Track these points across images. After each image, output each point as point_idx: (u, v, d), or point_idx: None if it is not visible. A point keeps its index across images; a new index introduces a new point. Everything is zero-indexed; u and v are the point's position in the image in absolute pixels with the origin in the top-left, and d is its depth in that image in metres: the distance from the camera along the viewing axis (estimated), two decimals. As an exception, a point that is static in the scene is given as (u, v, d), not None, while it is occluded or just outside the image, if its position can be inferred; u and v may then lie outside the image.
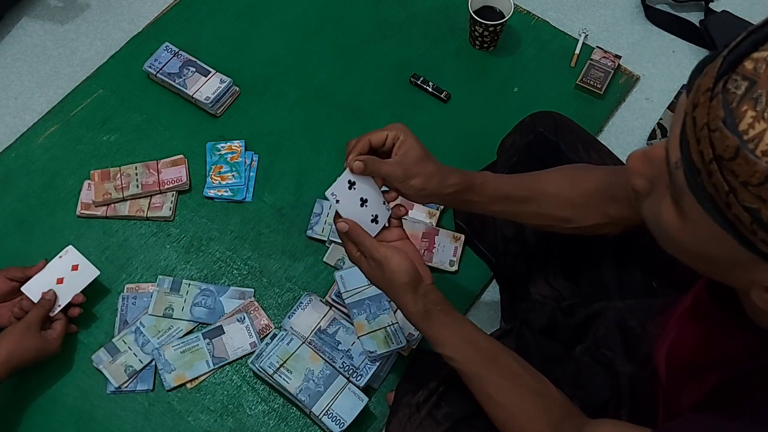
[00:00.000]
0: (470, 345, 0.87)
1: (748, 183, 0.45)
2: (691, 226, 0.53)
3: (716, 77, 0.47)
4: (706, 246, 0.53)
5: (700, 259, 0.56)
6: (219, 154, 1.36)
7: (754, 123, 0.44)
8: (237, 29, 1.53)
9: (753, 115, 0.44)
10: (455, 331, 0.87)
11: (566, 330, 1.02)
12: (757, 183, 0.45)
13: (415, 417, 0.96)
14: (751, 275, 0.52)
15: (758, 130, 0.44)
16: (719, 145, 0.46)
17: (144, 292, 1.23)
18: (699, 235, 0.53)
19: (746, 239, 0.48)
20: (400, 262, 0.82)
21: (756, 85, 0.45)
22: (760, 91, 0.45)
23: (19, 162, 1.38)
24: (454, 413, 0.94)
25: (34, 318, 1.10)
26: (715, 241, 0.51)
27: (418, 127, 1.41)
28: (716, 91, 0.47)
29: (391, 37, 1.52)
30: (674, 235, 0.56)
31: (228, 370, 1.18)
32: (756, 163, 0.44)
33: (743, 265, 0.52)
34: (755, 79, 0.45)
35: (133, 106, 1.43)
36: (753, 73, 0.45)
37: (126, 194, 1.30)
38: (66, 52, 1.53)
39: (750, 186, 0.45)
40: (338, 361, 1.13)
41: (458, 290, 1.24)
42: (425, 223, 1.26)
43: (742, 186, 0.46)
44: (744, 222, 0.47)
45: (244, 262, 1.27)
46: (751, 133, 0.45)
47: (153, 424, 1.14)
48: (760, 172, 0.44)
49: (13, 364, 1.06)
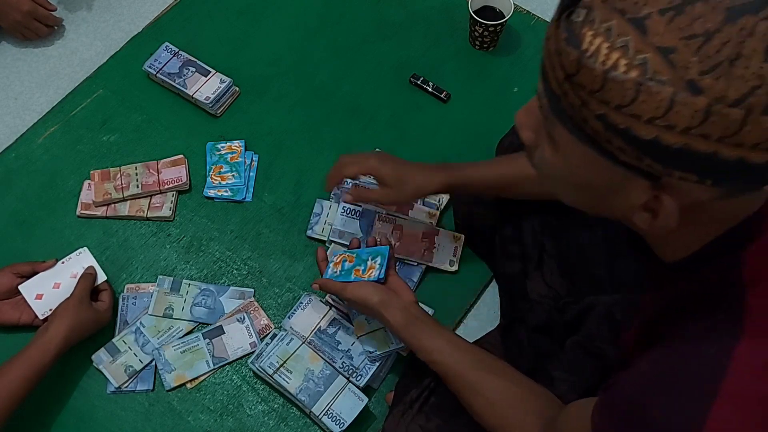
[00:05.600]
0: (450, 344, 0.93)
1: (593, 90, 0.50)
2: (565, 157, 0.58)
3: (560, 10, 0.54)
4: (582, 173, 0.58)
5: (583, 191, 0.61)
6: (219, 154, 1.36)
7: (593, 40, 0.50)
8: (237, 29, 1.53)
9: (591, 34, 0.51)
10: (436, 337, 0.94)
11: (560, 327, 1.04)
12: (599, 88, 0.50)
13: (408, 413, 1.00)
14: (628, 197, 0.56)
15: (596, 44, 0.50)
16: (566, 63, 0.52)
17: (144, 292, 1.23)
18: (573, 162, 0.58)
19: (606, 150, 0.53)
20: (364, 291, 0.99)
21: (591, 10, 0.51)
22: (595, 13, 0.51)
23: (19, 162, 1.38)
24: (444, 405, 0.97)
25: (83, 291, 1.14)
26: (587, 165, 0.56)
27: (418, 127, 1.42)
28: (561, 21, 0.53)
29: (391, 37, 1.52)
30: (555, 172, 0.61)
31: (228, 370, 1.18)
32: (594, 69, 0.50)
33: (618, 188, 0.56)
34: (591, 6, 0.51)
35: (133, 106, 1.43)
36: (590, 2, 0.52)
37: (126, 194, 1.30)
38: (66, 52, 1.53)
39: (595, 93, 0.50)
40: (338, 361, 1.13)
41: (458, 290, 1.24)
42: (425, 223, 1.26)
43: (589, 95, 0.51)
44: (599, 132, 0.52)
45: (244, 262, 1.27)
46: (591, 48, 0.50)
47: (153, 424, 1.14)
48: (599, 76, 0.50)
49: (73, 340, 1.10)
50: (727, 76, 0.47)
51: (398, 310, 0.97)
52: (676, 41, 0.48)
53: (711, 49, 0.47)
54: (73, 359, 1.15)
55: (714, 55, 0.47)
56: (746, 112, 0.47)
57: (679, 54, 0.48)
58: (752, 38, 0.47)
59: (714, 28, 0.47)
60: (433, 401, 1.01)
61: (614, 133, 0.51)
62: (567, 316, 1.05)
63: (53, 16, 1.53)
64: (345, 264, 1.09)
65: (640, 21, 0.49)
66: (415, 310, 0.98)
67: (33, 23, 1.50)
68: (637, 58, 0.49)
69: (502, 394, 0.86)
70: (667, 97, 0.48)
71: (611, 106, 0.50)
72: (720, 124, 0.48)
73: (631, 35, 0.49)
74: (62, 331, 1.07)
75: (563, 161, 0.59)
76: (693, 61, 0.47)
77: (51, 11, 1.52)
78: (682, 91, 0.48)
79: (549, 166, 0.61)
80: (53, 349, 1.06)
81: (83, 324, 1.11)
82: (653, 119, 0.49)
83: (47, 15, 1.51)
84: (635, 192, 0.55)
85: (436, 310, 1.17)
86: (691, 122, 0.48)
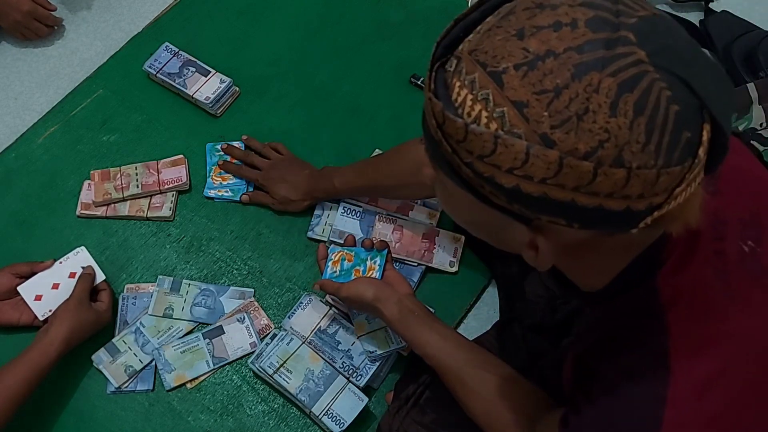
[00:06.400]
0: (445, 341, 0.93)
1: (459, 140, 0.52)
2: (450, 197, 0.60)
3: (433, 61, 0.56)
4: (469, 213, 0.60)
5: (476, 227, 0.63)
6: (219, 154, 1.36)
7: (460, 91, 0.52)
8: (237, 29, 1.53)
9: (458, 85, 0.53)
10: (431, 331, 0.94)
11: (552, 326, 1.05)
12: (463, 139, 0.52)
13: (403, 409, 1.01)
14: (513, 235, 0.58)
15: (462, 95, 0.52)
16: (436, 113, 0.53)
17: (144, 292, 1.23)
18: (459, 204, 0.60)
19: (481, 194, 0.54)
20: (359, 288, 1.01)
21: (460, 61, 0.53)
22: (462, 64, 0.53)
23: (19, 162, 1.38)
24: (439, 399, 0.97)
25: (83, 292, 1.14)
26: (470, 207, 0.57)
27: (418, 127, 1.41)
28: (437, 71, 0.56)
29: (391, 37, 1.52)
30: (449, 209, 0.63)
31: (228, 370, 1.18)
32: (456, 121, 0.52)
33: (502, 226, 0.58)
34: (460, 57, 0.54)
35: (133, 106, 1.43)
36: (460, 52, 0.54)
37: (126, 194, 1.30)
38: (66, 52, 1.53)
39: (461, 143, 0.52)
40: (338, 361, 1.13)
41: (458, 290, 1.24)
42: (425, 223, 1.26)
43: (457, 144, 0.53)
44: (471, 178, 0.54)
45: (244, 262, 1.27)
46: (458, 99, 0.52)
47: (153, 424, 1.14)
48: (461, 128, 0.51)
49: (73, 341, 1.10)
50: (576, 130, 0.48)
51: (393, 303, 0.98)
52: (529, 96, 0.49)
53: (560, 105, 0.49)
54: (73, 359, 1.15)
55: (563, 110, 0.49)
56: (596, 164, 0.49)
57: (532, 108, 0.49)
58: (598, 94, 0.48)
59: (563, 83, 0.49)
60: (428, 395, 1.02)
61: (483, 180, 0.53)
62: (559, 315, 1.05)
63: (53, 16, 1.53)
64: (344, 263, 1.09)
65: (498, 75, 0.50)
66: (411, 303, 0.98)
67: (33, 23, 1.50)
68: (496, 111, 0.50)
69: (494, 391, 0.87)
70: (522, 149, 0.49)
71: (474, 155, 0.52)
72: (573, 175, 0.49)
73: (491, 88, 0.51)
74: (63, 332, 1.07)
75: (452, 203, 0.62)
76: (545, 115, 0.49)
77: (51, 11, 1.52)
78: (536, 144, 0.49)
79: (443, 203, 0.64)
80: (54, 352, 1.06)
81: (83, 325, 1.11)
82: (512, 169, 0.51)
83: (47, 15, 1.51)
84: (518, 232, 0.57)
85: (436, 310, 1.17)
86: (546, 173, 0.50)
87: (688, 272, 0.62)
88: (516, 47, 0.50)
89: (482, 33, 0.53)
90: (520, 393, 0.86)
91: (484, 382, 0.88)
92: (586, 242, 0.57)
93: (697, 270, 0.62)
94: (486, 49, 0.52)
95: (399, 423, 1.01)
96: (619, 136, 0.48)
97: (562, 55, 0.49)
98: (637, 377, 0.62)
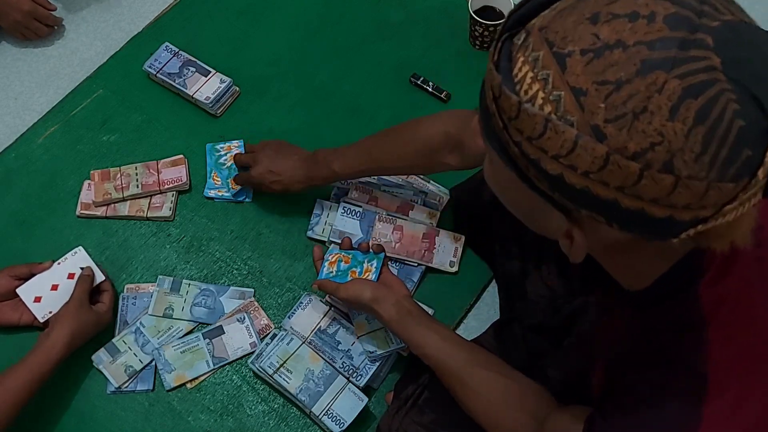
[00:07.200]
0: (444, 341, 0.93)
1: (511, 117, 0.51)
2: (497, 173, 0.59)
3: (503, 30, 0.55)
4: (512, 192, 0.59)
5: (516, 207, 0.62)
6: (219, 155, 1.35)
7: (522, 66, 0.51)
8: (237, 29, 1.53)
9: (522, 60, 0.51)
10: (429, 331, 0.94)
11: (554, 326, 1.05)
12: (515, 116, 0.51)
13: (402, 409, 1.01)
14: (551, 221, 0.57)
15: (523, 72, 0.51)
16: (493, 85, 0.52)
17: (144, 292, 1.23)
18: (503, 181, 0.59)
19: (525, 176, 0.53)
20: (356, 288, 1.01)
21: (529, 35, 0.52)
22: (530, 39, 0.52)
23: (19, 162, 1.38)
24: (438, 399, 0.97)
25: (83, 293, 1.14)
26: (514, 186, 0.56)
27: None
28: (504, 41, 0.54)
29: (391, 37, 1.52)
30: (493, 186, 0.62)
31: (228, 370, 1.18)
32: (511, 98, 0.51)
33: (541, 211, 0.56)
34: (530, 31, 0.52)
35: (133, 106, 1.43)
36: (531, 26, 0.53)
37: (126, 194, 1.30)
38: (66, 52, 1.53)
39: (512, 120, 0.51)
40: (338, 361, 1.13)
41: (458, 290, 1.24)
42: (425, 223, 1.26)
43: (509, 121, 0.52)
44: (518, 157, 0.52)
45: (244, 262, 1.27)
46: (519, 75, 0.51)
47: (153, 424, 1.14)
48: (514, 105, 0.50)
49: (75, 344, 1.10)
50: (629, 128, 0.47)
51: (391, 304, 0.98)
52: (589, 84, 0.48)
53: (618, 99, 0.47)
54: (74, 359, 1.14)
55: (620, 105, 0.47)
56: (644, 166, 0.47)
57: (590, 97, 0.48)
58: (660, 95, 0.46)
59: (625, 78, 0.47)
60: (427, 396, 1.02)
61: (529, 162, 0.52)
62: (561, 315, 1.05)
63: (53, 16, 1.53)
64: (341, 264, 1.09)
65: (563, 57, 0.49)
66: (408, 304, 0.98)
67: (33, 23, 1.50)
68: (553, 94, 0.49)
69: (495, 391, 0.87)
70: (571, 137, 0.48)
71: (524, 135, 0.51)
72: (618, 174, 0.48)
73: (552, 70, 0.49)
74: (64, 336, 1.07)
75: (498, 179, 0.60)
76: (601, 107, 0.47)
77: (51, 11, 1.52)
78: (586, 135, 0.48)
79: (488, 178, 0.63)
80: (55, 355, 1.06)
81: (84, 328, 1.11)
82: (558, 156, 0.49)
83: (47, 15, 1.51)
84: (556, 220, 0.56)
85: (436, 310, 1.17)
86: (590, 167, 0.48)
87: (729, 281, 0.61)
88: (586, 31, 0.49)
89: (558, 10, 0.52)
90: (521, 391, 0.86)
91: (483, 381, 0.87)
92: (625, 243, 0.56)
93: (739, 279, 0.61)
94: (557, 29, 0.50)
95: (398, 423, 1.01)
96: (673, 141, 0.46)
97: (632, 47, 0.47)
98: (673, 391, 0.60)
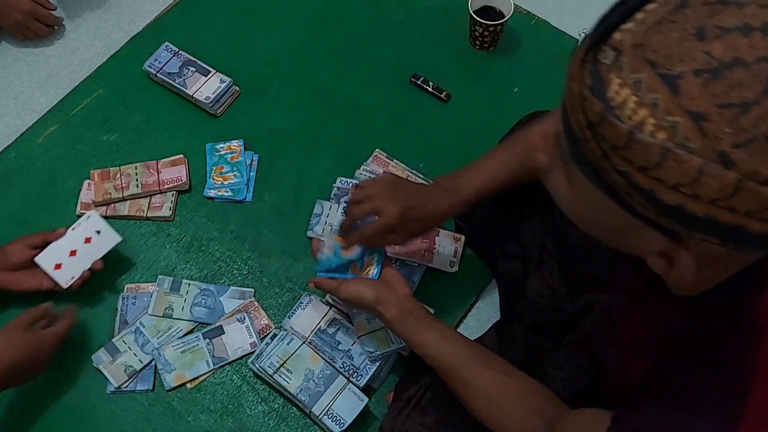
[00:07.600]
0: (446, 340, 0.92)
1: (616, 146, 0.48)
2: (580, 195, 0.55)
3: (588, 49, 0.50)
4: (597, 214, 0.55)
5: (597, 227, 0.59)
6: (219, 155, 1.36)
7: (620, 90, 0.47)
8: (237, 29, 1.53)
9: (619, 83, 0.48)
10: (431, 330, 0.93)
11: (556, 325, 1.04)
12: (623, 146, 0.47)
13: (404, 410, 1.00)
14: (643, 241, 0.54)
15: (623, 96, 0.47)
16: (589, 111, 0.49)
17: (144, 292, 1.23)
18: (588, 203, 0.55)
19: (626, 203, 0.50)
20: (358, 289, 0.98)
21: (621, 55, 0.48)
22: (624, 59, 0.48)
23: (19, 162, 1.38)
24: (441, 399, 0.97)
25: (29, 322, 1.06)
26: (602, 208, 0.53)
27: (418, 127, 1.42)
28: (587, 62, 0.50)
29: (391, 37, 1.52)
30: (569, 205, 0.59)
31: (228, 370, 1.18)
32: (619, 127, 0.47)
33: (633, 232, 0.53)
34: (621, 49, 0.48)
35: (133, 106, 1.43)
36: (620, 44, 0.48)
37: (126, 194, 1.30)
38: (66, 52, 1.53)
39: (618, 149, 0.48)
40: (338, 361, 1.13)
41: (458, 290, 1.24)
42: (425, 223, 1.26)
43: (612, 150, 0.48)
44: (620, 186, 0.49)
45: (244, 262, 1.27)
46: (617, 99, 0.47)
47: (153, 424, 1.14)
48: (623, 135, 0.47)
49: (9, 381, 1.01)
50: (762, 152, 0.44)
51: (393, 305, 0.96)
52: (709, 108, 0.44)
53: (747, 122, 0.44)
54: (73, 359, 1.15)
55: (750, 129, 0.44)
56: None
57: (712, 122, 0.44)
58: None
59: (752, 98, 0.44)
60: (429, 396, 1.01)
61: (636, 191, 0.48)
62: (564, 314, 1.05)
63: (53, 16, 1.53)
64: (337, 249, 1.04)
65: (672, 79, 0.46)
66: (410, 304, 0.97)
67: (33, 23, 1.50)
68: (667, 120, 0.46)
69: (499, 390, 0.86)
70: (695, 166, 0.45)
71: (634, 165, 0.47)
72: (750, 200, 0.45)
73: (662, 93, 0.46)
74: None
75: (579, 200, 0.56)
76: (727, 132, 0.44)
77: (51, 11, 1.52)
78: (713, 163, 0.45)
79: (563, 198, 0.59)
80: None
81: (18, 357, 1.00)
82: (678, 186, 0.46)
83: (47, 15, 1.51)
84: (650, 240, 0.53)
85: (436, 310, 1.17)
86: (719, 195, 0.45)
87: None
88: (695, 49, 0.45)
89: (649, 25, 0.48)
90: (526, 390, 0.86)
91: (487, 381, 0.87)
92: (718, 256, 0.53)
93: None
94: (656, 47, 0.47)
95: (401, 425, 1.00)
96: None
97: (754, 66, 0.44)
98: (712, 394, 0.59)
